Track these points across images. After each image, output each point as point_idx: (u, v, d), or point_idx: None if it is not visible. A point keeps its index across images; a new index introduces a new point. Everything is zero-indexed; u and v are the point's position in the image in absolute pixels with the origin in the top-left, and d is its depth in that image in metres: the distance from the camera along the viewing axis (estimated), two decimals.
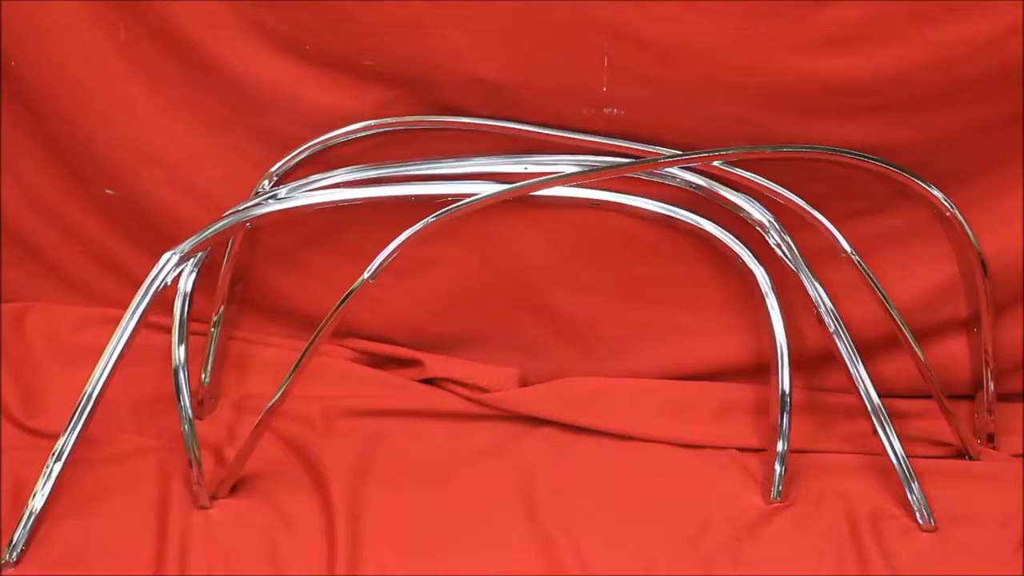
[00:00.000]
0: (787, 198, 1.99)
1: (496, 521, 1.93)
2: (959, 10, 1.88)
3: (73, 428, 1.85)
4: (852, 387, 1.99)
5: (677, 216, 2.04)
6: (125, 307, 1.89)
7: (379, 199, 2.02)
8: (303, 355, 1.84)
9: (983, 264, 2.02)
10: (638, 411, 2.13)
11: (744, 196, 2.02)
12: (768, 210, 2.02)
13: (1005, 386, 2.13)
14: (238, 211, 1.98)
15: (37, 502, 1.84)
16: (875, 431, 1.98)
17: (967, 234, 2.02)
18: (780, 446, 1.99)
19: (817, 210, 1.99)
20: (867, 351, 2.03)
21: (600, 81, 1.97)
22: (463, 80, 2.01)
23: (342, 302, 1.82)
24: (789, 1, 1.89)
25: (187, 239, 1.92)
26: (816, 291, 1.99)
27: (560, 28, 1.95)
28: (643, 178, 2.05)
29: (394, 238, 1.83)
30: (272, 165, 2.08)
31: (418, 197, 2.01)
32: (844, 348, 1.99)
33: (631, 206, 2.05)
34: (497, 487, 1.99)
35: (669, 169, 2.02)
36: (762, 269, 2.03)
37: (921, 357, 2.01)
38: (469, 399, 2.16)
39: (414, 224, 1.84)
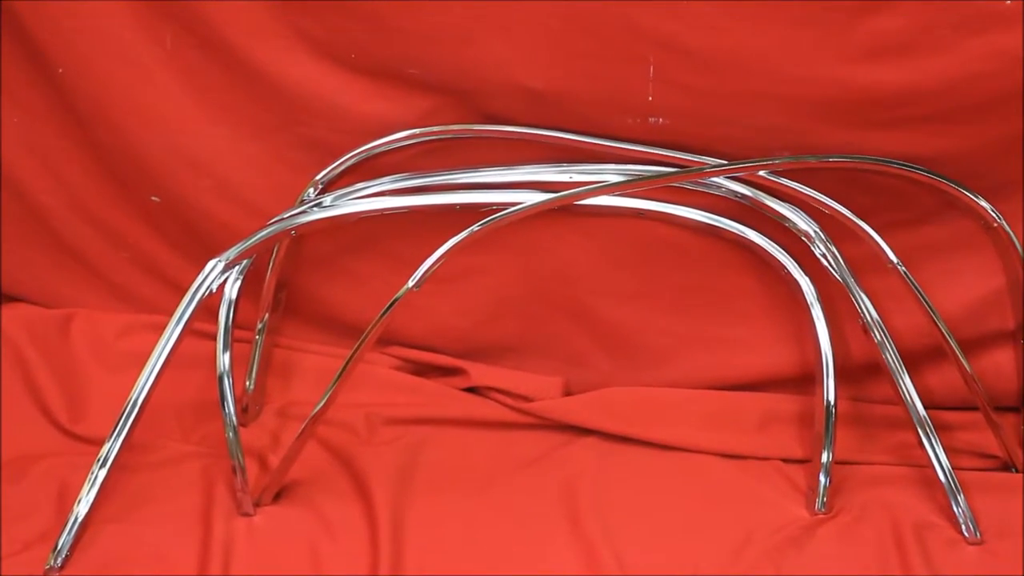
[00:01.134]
0: (833, 208, 1.98)
1: (539, 530, 1.92)
2: (1006, 20, 1.86)
3: (118, 434, 1.86)
4: (897, 398, 1.98)
5: (722, 226, 2.04)
6: (170, 314, 1.90)
7: (424, 207, 2.02)
8: (347, 363, 1.85)
9: None
10: (682, 421, 2.12)
11: (789, 206, 2.02)
12: (814, 220, 2.01)
13: None
14: (283, 219, 1.99)
15: (82, 508, 1.85)
16: (921, 443, 1.97)
17: (1014, 245, 2.01)
18: (825, 457, 1.98)
19: (863, 220, 1.98)
20: (913, 362, 2.02)
21: (645, 90, 1.97)
22: (507, 89, 2.01)
23: (386, 310, 1.83)
24: (835, 11, 1.89)
25: (232, 246, 1.94)
26: (862, 302, 1.98)
27: (605, 37, 1.95)
28: (688, 187, 2.05)
29: (438, 247, 1.84)
30: (317, 173, 2.09)
31: (463, 206, 2.01)
32: (890, 359, 1.98)
33: (676, 215, 2.05)
34: (540, 496, 1.99)
35: (715, 179, 2.02)
36: (807, 279, 2.02)
37: (967, 368, 1.99)
38: (512, 408, 2.16)
39: (458, 232, 1.84)
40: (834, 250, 2.00)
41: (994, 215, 1.99)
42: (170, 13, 2.06)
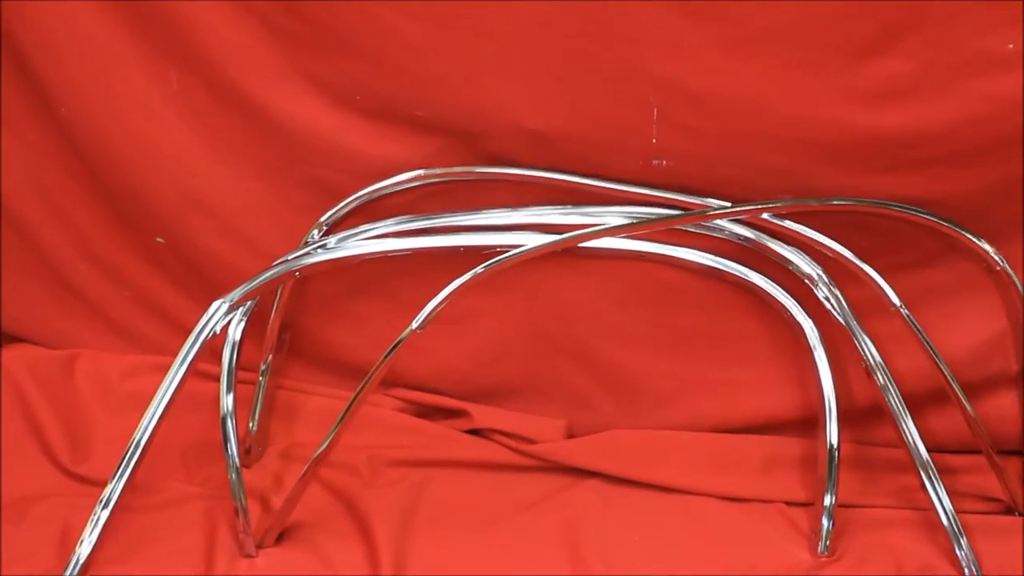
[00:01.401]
0: (836, 251, 1.98)
1: (541, 572, 1.92)
2: (1006, 63, 1.87)
3: (121, 475, 1.85)
4: (900, 441, 1.98)
5: (725, 268, 2.04)
6: (174, 355, 1.90)
7: (427, 249, 2.03)
8: (350, 404, 1.85)
9: None
10: (684, 464, 2.12)
11: (792, 249, 2.02)
12: (816, 263, 2.01)
13: None
14: (288, 260, 1.99)
15: (84, 549, 1.85)
16: (923, 486, 1.96)
17: (1016, 287, 2.01)
18: (828, 500, 1.98)
19: (866, 263, 1.99)
20: (916, 405, 2.02)
21: (649, 132, 1.98)
22: (511, 131, 2.02)
23: (390, 352, 1.83)
24: (837, 54, 1.90)
25: (237, 288, 1.93)
26: (864, 344, 1.99)
27: (609, 79, 1.96)
28: (691, 230, 2.05)
29: (442, 288, 1.83)
30: (321, 214, 2.09)
31: (466, 248, 2.01)
32: (893, 402, 1.98)
33: (679, 258, 2.05)
34: (542, 538, 1.98)
35: (718, 221, 2.02)
36: (810, 322, 2.02)
37: (970, 411, 1.99)
38: (515, 450, 2.15)
39: (462, 274, 1.84)
40: (837, 293, 2.01)
41: (996, 258, 2.00)
42: (175, 53, 2.07)
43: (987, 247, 2.00)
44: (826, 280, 2.01)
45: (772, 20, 1.90)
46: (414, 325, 1.83)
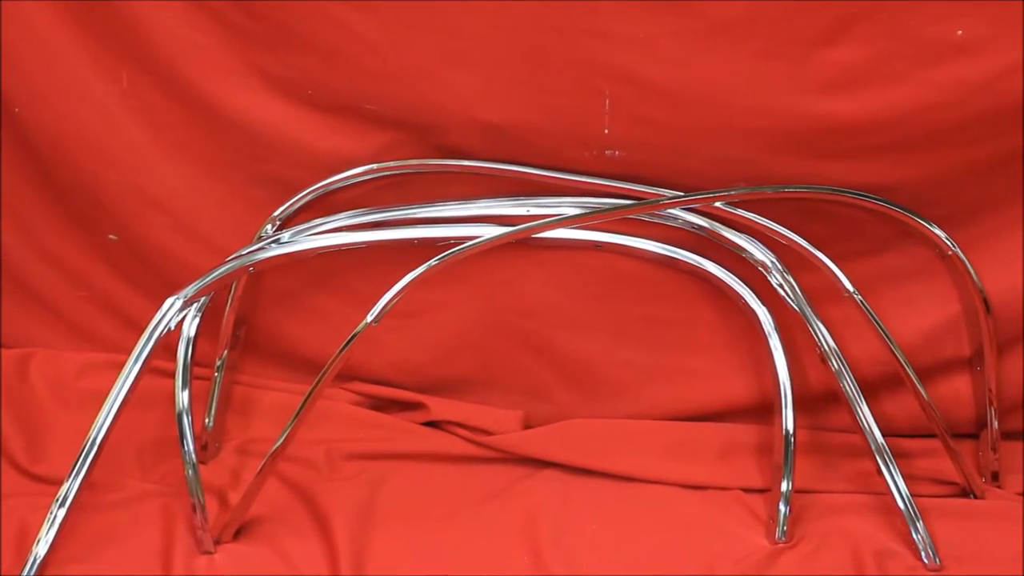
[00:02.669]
0: (789, 238, 1.99)
1: (501, 563, 1.92)
2: (959, 51, 1.89)
3: (77, 473, 1.84)
4: (856, 427, 1.99)
5: (679, 257, 2.05)
6: (128, 352, 1.89)
7: (382, 242, 2.02)
8: (307, 399, 1.84)
9: (985, 302, 2.03)
10: (642, 453, 2.12)
11: (746, 237, 2.03)
12: (770, 250, 2.02)
13: (1009, 424, 2.13)
14: (241, 255, 1.99)
15: (41, 548, 1.84)
16: (879, 470, 1.97)
17: (969, 272, 2.02)
18: (784, 486, 1.99)
19: (819, 250, 2.00)
20: (870, 390, 2.03)
21: (601, 123, 1.98)
22: (465, 123, 2.02)
23: (345, 346, 1.83)
24: (791, 43, 1.91)
25: (190, 284, 1.93)
26: (819, 331, 1.99)
27: (562, 71, 1.97)
28: (645, 219, 2.06)
29: (397, 281, 1.84)
30: (275, 209, 2.09)
31: (421, 240, 2.01)
32: (848, 388, 1.99)
33: (634, 247, 2.06)
34: (501, 529, 1.98)
35: (671, 210, 2.03)
36: (765, 309, 2.03)
37: (925, 396, 2.00)
38: (473, 442, 2.15)
39: (417, 267, 1.84)
40: (791, 280, 2.01)
41: (949, 243, 2.01)
42: (127, 52, 2.07)
43: (940, 232, 2.01)
44: (780, 267, 2.02)
45: (727, 11, 1.91)
46: (369, 318, 1.83)
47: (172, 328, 1.91)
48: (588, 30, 1.94)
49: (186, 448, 1.90)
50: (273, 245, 2.01)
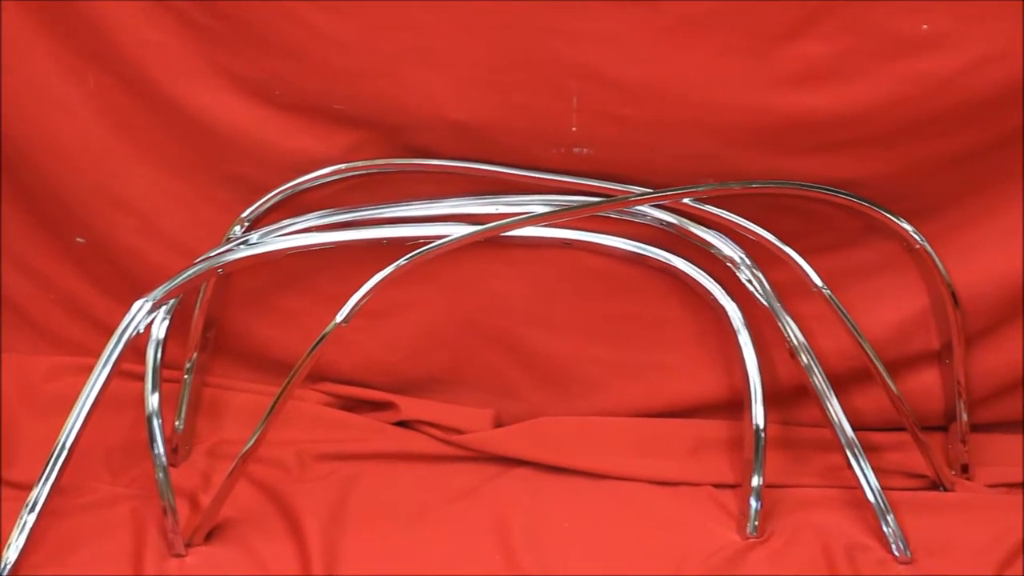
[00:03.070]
0: (757, 234, 2.00)
1: (473, 562, 1.92)
2: (924, 46, 1.90)
3: (47, 478, 1.84)
4: (826, 421, 1.99)
5: (648, 254, 2.05)
6: (98, 356, 1.89)
7: (351, 243, 2.02)
8: (277, 400, 1.84)
9: (953, 295, 2.04)
10: (613, 450, 2.12)
11: (715, 233, 2.03)
12: (739, 246, 2.03)
13: (978, 416, 2.14)
14: (210, 257, 1.98)
15: (11, 553, 1.84)
16: (849, 464, 1.98)
17: (937, 266, 2.03)
18: (755, 481, 1.99)
19: (788, 245, 2.00)
20: (840, 384, 2.03)
21: (569, 121, 1.98)
22: (433, 122, 2.02)
23: (315, 346, 1.82)
24: (757, 38, 1.91)
25: (159, 286, 1.93)
26: (788, 326, 2.00)
27: (529, 69, 1.97)
28: (614, 216, 2.06)
29: (366, 281, 1.83)
30: (243, 210, 2.09)
31: (390, 240, 2.01)
32: (817, 382, 1.99)
33: (603, 245, 2.06)
34: (473, 528, 1.98)
35: (640, 207, 2.03)
36: (734, 305, 2.03)
37: (894, 389, 2.01)
38: (444, 441, 2.15)
39: (386, 267, 1.84)
40: (760, 275, 2.02)
41: (916, 237, 2.02)
42: (91, 53, 2.06)
43: (907, 226, 2.02)
44: (748, 263, 2.02)
45: (693, 8, 1.91)
46: (339, 319, 1.82)
47: (141, 331, 1.91)
48: (555, 28, 1.94)
49: (156, 451, 1.90)
50: (242, 246, 2.00)
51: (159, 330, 2.00)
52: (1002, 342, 2.11)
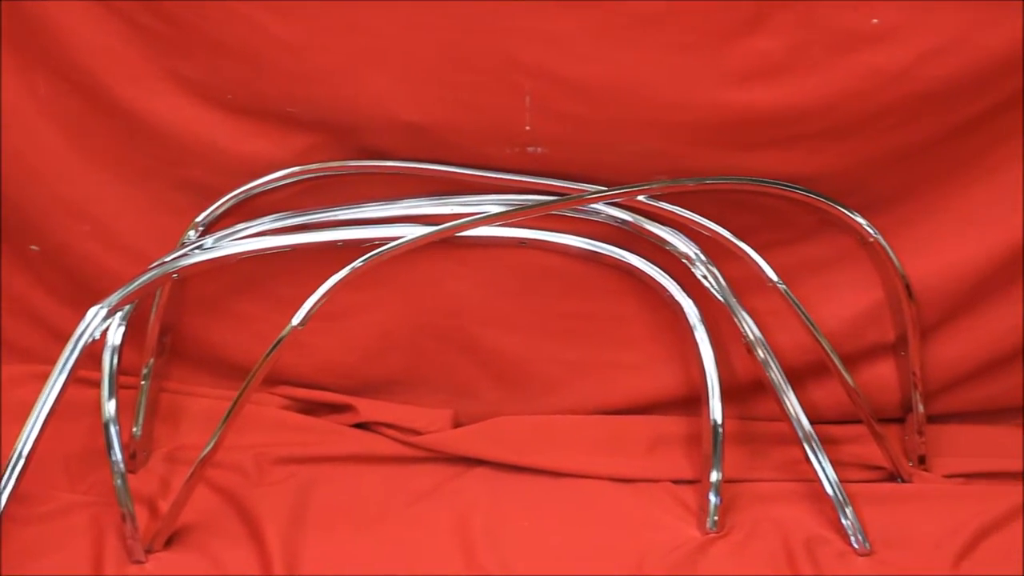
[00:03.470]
0: (712, 230, 2.00)
1: (434, 563, 1.92)
2: (875, 39, 1.90)
3: (4, 487, 1.83)
4: (783, 415, 2.00)
5: (603, 252, 2.05)
6: (53, 363, 1.88)
7: (306, 245, 2.02)
8: (234, 404, 1.84)
9: (908, 287, 2.05)
10: (572, 448, 2.12)
11: (670, 229, 2.04)
12: (694, 242, 2.03)
13: (934, 408, 2.15)
14: (165, 262, 1.98)
15: None
16: (807, 458, 1.99)
17: (891, 259, 2.04)
18: (714, 476, 2.00)
19: (743, 240, 2.01)
20: (797, 378, 2.05)
21: (522, 120, 1.99)
22: (386, 124, 2.01)
23: (272, 350, 1.82)
24: (708, 35, 1.92)
25: (114, 292, 1.92)
26: (744, 321, 2.01)
27: (481, 69, 1.97)
28: (569, 215, 2.06)
29: (322, 284, 1.83)
30: (197, 215, 2.08)
31: (345, 242, 2.01)
32: (774, 377, 2.00)
33: (558, 243, 2.06)
34: (433, 529, 1.98)
35: (594, 205, 2.03)
36: (690, 301, 2.04)
37: (850, 382, 2.02)
38: (402, 442, 2.15)
39: (341, 269, 1.84)
40: (715, 271, 2.02)
41: (870, 230, 2.02)
42: (42, 60, 2.05)
43: (861, 220, 2.02)
44: (704, 259, 2.03)
45: (644, 6, 1.91)
46: (295, 322, 1.82)
47: (97, 337, 1.90)
48: (506, 27, 1.94)
49: (114, 458, 1.89)
50: (196, 251, 2.00)
51: (115, 336, 2.00)
52: (957, 333, 2.12)
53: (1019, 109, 1.98)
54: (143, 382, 2.14)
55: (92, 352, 1.91)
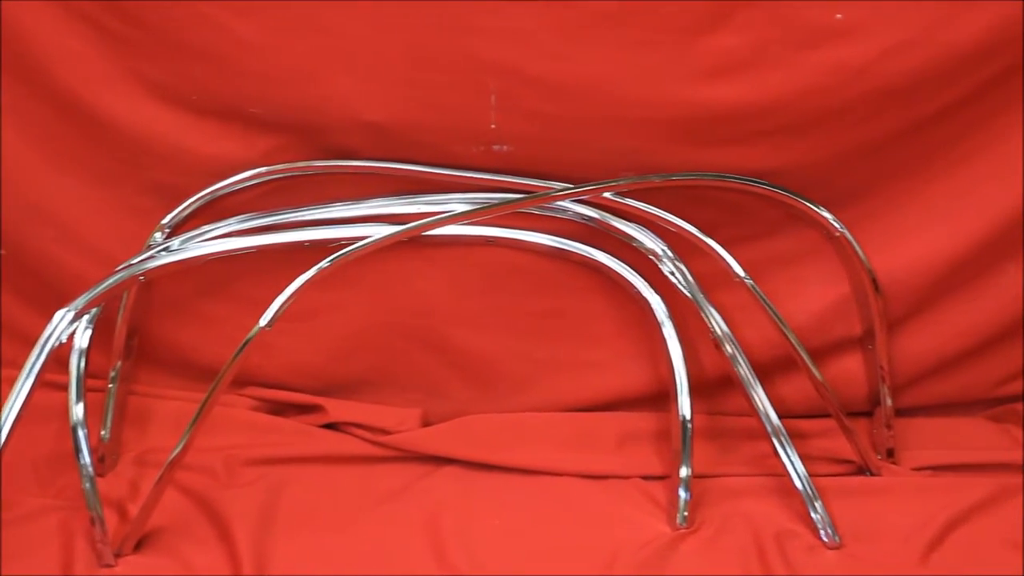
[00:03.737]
0: (679, 226, 2.01)
1: (404, 562, 1.91)
2: (839, 34, 1.91)
3: None
4: (752, 410, 2.01)
5: (571, 249, 2.06)
6: (20, 367, 1.86)
7: (273, 246, 2.01)
8: (203, 406, 1.83)
9: (874, 281, 2.05)
10: (541, 445, 2.13)
11: (637, 226, 2.04)
12: (661, 238, 2.04)
13: (902, 401, 2.16)
14: (131, 265, 1.97)
15: None
16: (776, 452, 1.99)
17: (857, 253, 2.04)
18: (683, 472, 2.00)
19: (709, 236, 2.01)
20: (765, 373, 2.05)
21: (488, 119, 1.99)
22: (351, 124, 2.01)
23: (239, 351, 1.82)
24: (672, 32, 1.92)
25: (80, 295, 1.91)
26: (712, 316, 2.01)
27: (446, 68, 1.97)
28: (536, 213, 2.06)
29: (289, 285, 1.83)
30: (163, 217, 2.07)
31: (311, 243, 2.00)
32: (742, 372, 2.00)
33: (525, 241, 2.06)
34: (404, 528, 1.98)
35: (561, 203, 2.04)
36: (658, 297, 2.04)
37: (818, 376, 2.02)
38: (372, 442, 2.15)
39: (309, 270, 1.83)
40: (682, 267, 2.03)
41: (835, 224, 2.03)
42: (4, 61, 2.04)
43: (827, 214, 2.03)
44: (671, 255, 2.03)
45: (607, 3, 1.91)
46: (262, 323, 1.82)
47: (64, 341, 1.88)
48: (470, 26, 1.94)
49: (82, 461, 1.89)
50: (163, 253, 1.99)
51: (82, 339, 2.00)
52: (923, 326, 2.13)
53: (981, 104, 1.99)
54: (111, 385, 2.13)
55: (59, 356, 1.90)
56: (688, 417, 2.00)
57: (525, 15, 1.93)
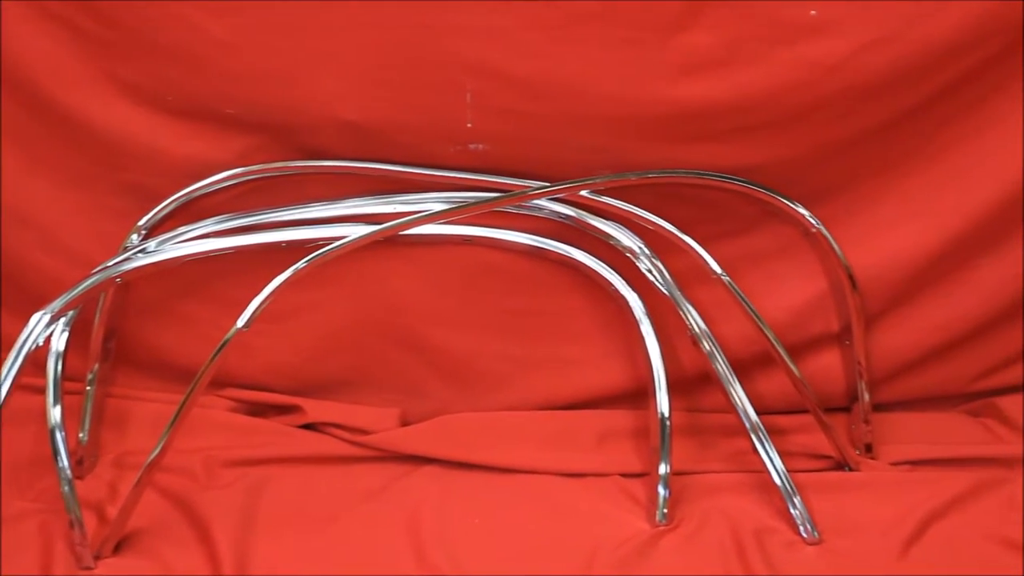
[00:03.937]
0: (655, 223, 2.01)
1: (384, 562, 1.91)
2: (813, 30, 1.91)
3: None
4: (730, 406, 2.01)
5: (548, 247, 2.06)
6: None
7: (249, 247, 2.01)
8: (181, 408, 1.83)
9: (851, 277, 2.06)
10: (520, 444, 2.13)
11: (613, 224, 2.04)
12: (638, 236, 2.04)
13: (880, 396, 2.17)
14: (107, 267, 1.96)
15: None
16: (755, 448, 2.00)
17: (833, 249, 2.05)
18: (662, 469, 2.00)
19: (686, 233, 2.01)
20: (743, 370, 2.06)
21: (464, 117, 1.98)
22: (327, 123, 2.01)
23: (217, 352, 1.81)
24: (646, 30, 1.92)
25: (57, 298, 1.90)
26: (689, 314, 2.01)
27: (422, 67, 1.96)
28: (513, 211, 2.06)
29: (266, 285, 1.83)
30: (140, 218, 2.07)
31: (288, 243, 2.00)
32: (720, 368, 2.01)
33: (502, 240, 2.06)
34: (384, 528, 1.98)
35: (538, 201, 2.04)
36: (635, 295, 2.04)
37: (796, 373, 2.03)
38: (351, 442, 2.14)
39: (286, 270, 1.83)
40: (659, 264, 2.03)
41: (812, 221, 2.04)
42: None
43: (803, 211, 2.03)
44: (648, 252, 2.03)
45: (582, 3, 1.91)
46: (240, 324, 1.82)
47: (40, 344, 1.88)
48: (446, 25, 1.94)
49: (60, 464, 1.88)
50: (140, 255, 1.99)
51: (59, 342, 1.99)
52: (901, 322, 2.14)
53: (956, 99, 2.00)
54: (88, 387, 2.12)
55: (36, 359, 1.90)
56: (667, 414, 2.00)
57: (500, 14, 1.93)
